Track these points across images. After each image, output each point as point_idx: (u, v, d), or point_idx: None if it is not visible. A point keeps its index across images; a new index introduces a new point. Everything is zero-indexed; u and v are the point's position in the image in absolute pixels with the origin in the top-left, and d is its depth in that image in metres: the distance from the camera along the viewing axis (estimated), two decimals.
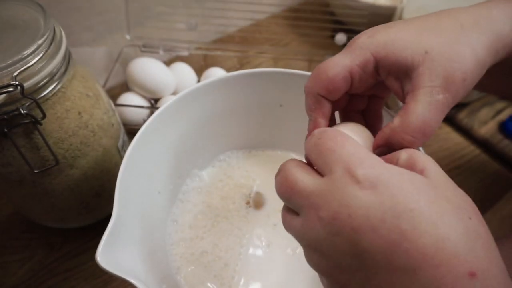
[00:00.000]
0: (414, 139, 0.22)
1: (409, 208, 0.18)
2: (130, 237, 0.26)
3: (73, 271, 0.38)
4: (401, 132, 0.22)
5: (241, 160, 0.40)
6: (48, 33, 0.28)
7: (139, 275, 0.24)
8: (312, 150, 0.22)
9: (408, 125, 0.22)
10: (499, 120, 0.53)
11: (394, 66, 0.23)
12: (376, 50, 0.24)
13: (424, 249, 0.17)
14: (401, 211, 0.18)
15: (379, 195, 0.18)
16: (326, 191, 0.19)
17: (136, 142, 0.29)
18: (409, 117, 0.22)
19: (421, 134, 0.22)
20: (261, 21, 0.67)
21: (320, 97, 0.25)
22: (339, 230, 0.18)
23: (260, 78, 0.35)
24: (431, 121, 0.22)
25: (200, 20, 0.58)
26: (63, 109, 0.30)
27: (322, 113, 0.25)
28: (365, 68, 0.24)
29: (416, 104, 0.22)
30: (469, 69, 0.22)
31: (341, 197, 0.19)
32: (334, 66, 0.24)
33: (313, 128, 0.25)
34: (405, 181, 0.18)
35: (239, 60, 0.60)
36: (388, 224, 0.17)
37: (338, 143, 0.21)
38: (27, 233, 0.41)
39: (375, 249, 0.18)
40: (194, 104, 0.34)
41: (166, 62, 0.54)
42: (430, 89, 0.22)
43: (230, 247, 0.34)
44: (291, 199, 0.21)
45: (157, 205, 0.34)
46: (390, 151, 0.23)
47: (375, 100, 0.28)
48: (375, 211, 0.18)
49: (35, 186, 0.32)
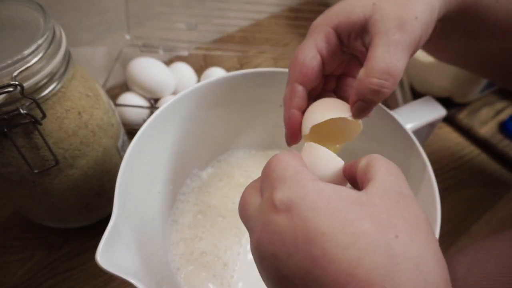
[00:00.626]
0: (382, 81, 0.22)
1: (320, 231, 0.16)
2: (130, 237, 0.26)
3: (73, 271, 0.38)
4: (367, 78, 0.22)
5: (241, 160, 0.40)
6: (48, 33, 0.28)
7: (139, 275, 0.24)
8: (262, 172, 0.21)
9: (372, 69, 0.22)
10: (499, 120, 0.53)
11: (351, 27, 0.25)
12: (331, 21, 0.25)
13: (336, 276, 0.15)
14: (312, 235, 0.16)
15: (292, 219, 0.17)
16: (257, 216, 0.19)
17: (136, 142, 0.29)
18: (371, 62, 0.23)
19: (387, 74, 0.22)
20: (261, 21, 0.67)
21: (296, 85, 0.26)
22: (263, 255, 0.18)
23: (260, 78, 0.35)
24: (393, 61, 0.22)
25: (200, 20, 0.58)
26: (63, 109, 0.30)
27: (296, 103, 0.26)
28: (329, 41, 0.25)
29: (375, 49, 0.23)
30: (418, 9, 0.24)
31: (263, 222, 0.18)
32: (302, 51, 0.25)
33: (288, 120, 0.26)
34: (320, 201, 0.17)
35: (239, 60, 0.60)
36: (300, 249, 0.16)
37: (277, 165, 0.20)
38: (27, 233, 0.41)
39: (293, 275, 0.17)
40: (194, 104, 0.34)
41: (166, 62, 0.54)
42: (384, 32, 0.23)
43: (229, 247, 0.34)
44: (242, 220, 0.21)
45: (157, 205, 0.34)
46: (366, 108, 0.23)
47: (346, 79, 0.29)
48: (289, 237, 0.17)
49: (35, 186, 0.32)
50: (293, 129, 0.27)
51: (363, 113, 0.24)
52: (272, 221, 0.18)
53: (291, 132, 0.27)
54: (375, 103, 0.23)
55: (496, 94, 0.56)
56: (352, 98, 0.24)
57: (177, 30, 0.57)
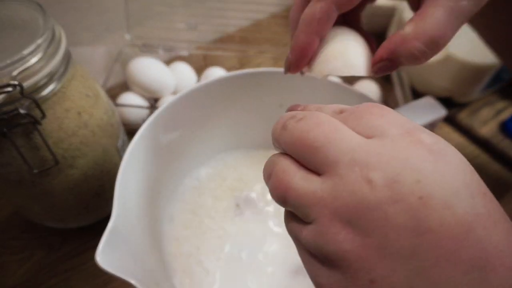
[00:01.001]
0: (425, 50, 0.19)
1: (482, 192, 0.15)
2: (129, 237, 0.26)
3: (72, 271, 0.38)
4: (413, 40, 0.19)
5: (240, 160, 0.40)
6: (48, 32, 0.27)
7: (138, 275, 0.24)
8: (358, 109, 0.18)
9: (423, 31, 0.19)
10: (500, 120, 0.53)
11: None
12: None
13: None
14: (481, 191, 0.14)
15: (453, 166, 0.15)
16: (381, 149, 0.15)
17: (136, 142, 0.29)
18: (425, 23, 0.19)
19: (434, 44, 0.19)
20: (261, 21, 0.67)
21: (332, 6, 0.21)
22: (399, 197, 0.14)
23: (260, 78, 0.35)
24: (448, 31, 0.19)
25: (200, 20, 0.58)
26: (62, 109, 0.30)
27: (323, 28, 0.21)
28: None
29: (436, 9, 0.19)
30: None
31: (406, 157, 0.15)
32: None
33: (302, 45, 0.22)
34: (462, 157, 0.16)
35: (239, 60, 0.60)
36: (465, 203, 0.14)
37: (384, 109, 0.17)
38: (26, 233, 0.41)
39: (445, 232, 0.14)
40: (194, 104, 0.34)
41: (166, 62, 0.54)
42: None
43: (211, 251, 0.34)
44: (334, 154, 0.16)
45: (157, 205, 0.34)
46: (389, 68, 0.21)
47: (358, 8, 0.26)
48: (450, 183, 0.14)
49: (35, 186, 0.32)
50: (305, 58, 0.23)
51: (384, 73, 0.21)
52: (426, 159, 0.15)
53: (301, 61, 0.23)
54: (402, 66, 0.21)
55: (497, 94, 0.56)
56: (381, 54, 0.21)
57: (177, 30, 0.57)
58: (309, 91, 0.35)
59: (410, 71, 0.54)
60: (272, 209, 0.36)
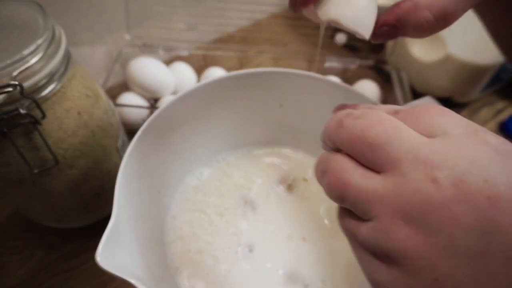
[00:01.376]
0: (434, 22, 0.19)
1: None
2: (130, 237, 0.26)
3: (72, 271, 0.38)
4: (425, 9, 0.19)
5: (240, 160, 0.40)
6: (48, 33, 0.27)
7: (139, 275, 0.24)
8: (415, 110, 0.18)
9: (437, 3, 0.19)
10: (499, 120, 0.53)
11: None
12: None
13: None
14: None
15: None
16: (445, 148, 0.15)
17: (136, 142, 0.29)
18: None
19: (444, 19, 0.19)
20: (261, 21, 0.67)
21: None
22: (467, 196, 0.14)
23: (260, 78, 0.35)
24: (459, 9, 0.19)
25: (200, 20, 0.58)
26: (62, 109, 0.30)
27: None
28: None
29: None
30: None
31: (472, 157, 0.15)
32: None
33: None
34: None
35: (239, 60, 0.60)
36: None
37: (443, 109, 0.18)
38: (26, 233, 0.41)
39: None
40: (194, 104, 0.34)
41: (166, 62, 0.54)
42: None
43: (226, 246, 0.34)
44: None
45: (157, 205, 0.34)
46: (389, 35, 0.20)
47: None
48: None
49: (35, 186, 0.32)
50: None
51: (383, 40, 0.21)
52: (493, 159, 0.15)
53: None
54: (403, 36, 0.20)
55: (496, 94, 0.56)
56: (387, 18, 0.20)
57: (177, 30, 0.57)
58: (309, 91, 0.35)
59: (410, 71, 0.54)
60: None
